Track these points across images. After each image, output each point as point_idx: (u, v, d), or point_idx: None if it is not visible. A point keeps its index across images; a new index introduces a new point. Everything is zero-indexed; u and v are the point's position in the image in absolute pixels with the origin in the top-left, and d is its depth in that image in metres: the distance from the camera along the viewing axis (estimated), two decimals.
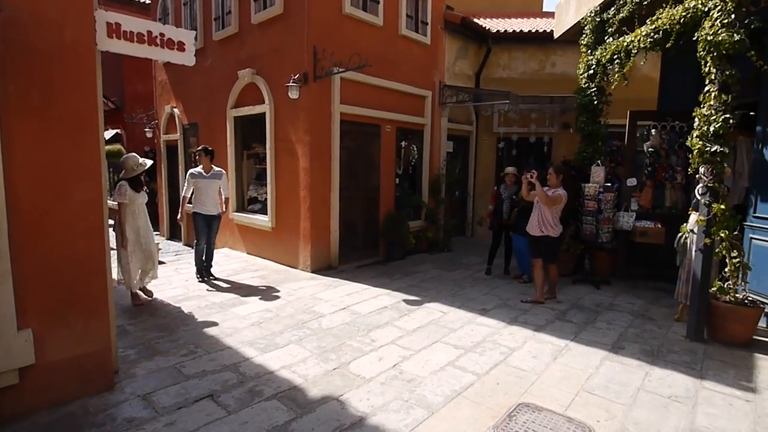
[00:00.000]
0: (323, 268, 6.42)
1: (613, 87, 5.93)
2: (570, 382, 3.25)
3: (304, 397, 2.98)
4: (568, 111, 8.57)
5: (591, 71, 6.34)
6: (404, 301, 5.08)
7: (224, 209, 5.85)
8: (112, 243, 4.25)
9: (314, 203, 6.29)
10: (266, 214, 6.95)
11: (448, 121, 8.69)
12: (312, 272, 6.25)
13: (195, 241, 5.86)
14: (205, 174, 5.64)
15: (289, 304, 4.89)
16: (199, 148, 5.79)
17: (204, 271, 5.88)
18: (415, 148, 8.24)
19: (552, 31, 8.28)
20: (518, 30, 9.35)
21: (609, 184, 5.89)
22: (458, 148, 9.46)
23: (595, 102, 6.35)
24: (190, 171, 5.71)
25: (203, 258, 5.85)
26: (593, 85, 6.35)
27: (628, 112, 6.09)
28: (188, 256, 7.79)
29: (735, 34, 3.83)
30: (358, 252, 7.00)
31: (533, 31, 9.24)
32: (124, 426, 2.63)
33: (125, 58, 11.09)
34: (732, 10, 3.89)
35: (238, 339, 3.94)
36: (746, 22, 3.89)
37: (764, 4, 4.53)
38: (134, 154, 4.70)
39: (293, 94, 6.06)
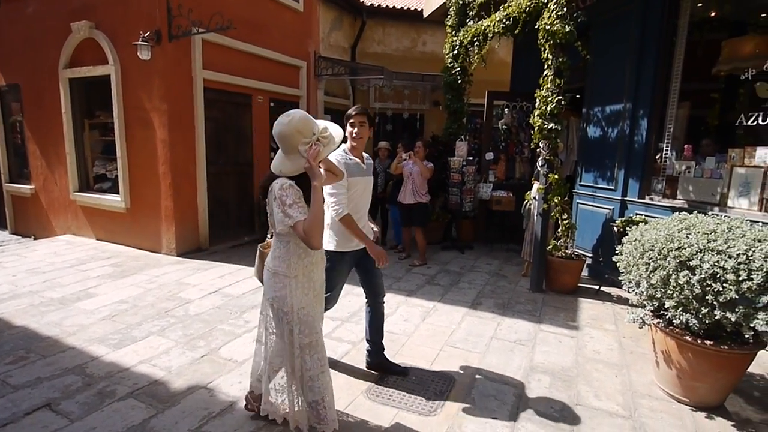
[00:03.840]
0: (191, 250, 5.91)
1: (473, 68, 6.42)
2: (436, 339, 3.55)
3: (166, 391, 2.74)
4: (437, 89, 9.08)
5: (455, 52, 6.76)
6: None
7: (377, 229, 2.97)
8: (249, 316, 1.82)
9: (177, 179, 5.69)
10: (118, 193, 6.08)
11: (324, 94, 8.55)
12: (178, 256, 5.70)
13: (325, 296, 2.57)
14: (362, 164, 2.77)
15: (150, 293, 4.41)
16: (356, 110, 2.71)
17: (372, 353, 3.03)
18: None
19: (422, 9, 8.60)
20: (391, 6, 9.51)
21: (471, 158, 6.46)
22: (336, 122, 9.37)
23: (459, 81, 6.83)
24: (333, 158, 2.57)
25: (369, 333, 2.99)
26: (457, 65, 6.80)
27: (486, 92, 6.68)
28: (16, 246, 6.50)
29: (567, 26, 4.40)
30: (231, 231, 6.59)
31: (405, 8, 9.49)
32: None
33: None
34: (565, 3, 4.45)
35: (84, 337, 3.42)
36: (575, 15, 4.49)
37: (590, 2, 5.29)
38: (303, 114, 2.02)
39: (144, 55, 5.31)
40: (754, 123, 3.85)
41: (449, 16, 6.91)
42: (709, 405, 2.71)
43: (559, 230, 4.84)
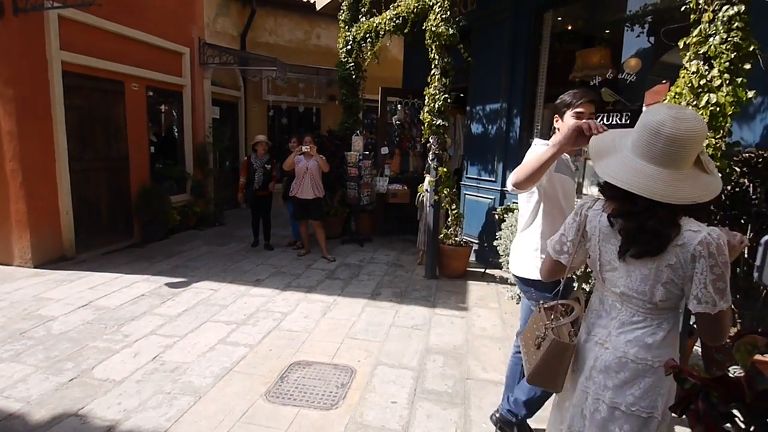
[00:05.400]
0: (54, 260, 5.11)
1: (367, 64, 6.52)
2: (337, 332, 3.57)
3: (24, 425, 2.35)
4: (333, 84, 9.05)
5: (349, 47, 6.80)
6: (167, 284, 4.55)
7: None
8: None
9: (30, 178, 4.85)
10: None
11: (212, 84, 7.97)
12: (36, 267, 4.88)
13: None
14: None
15: None
16: (582, 95, 2.01)
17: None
18: (175, 113, 7.29)
19: (315, 2, 8.48)
20: None
21: (367, 153, 6.58)
22: (226, 115, 8.86)
23: (354, 77, 6.89)
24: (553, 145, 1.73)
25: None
26: (351, 61, 6.85)
27: (380, 89, 6.85)
28: None
29: (450, 29, 4.70)
30: (104, 235, 5.83)
31: None
32: None
33: None
34: (448, 7, 4.73)
35: None
36: (457, 19, 4.80)
37: (470, 7, 5.71)
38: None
39: None
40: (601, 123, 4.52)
41: (342, 11, 6.91)
42: None
43: (449, 220, 5.18)
